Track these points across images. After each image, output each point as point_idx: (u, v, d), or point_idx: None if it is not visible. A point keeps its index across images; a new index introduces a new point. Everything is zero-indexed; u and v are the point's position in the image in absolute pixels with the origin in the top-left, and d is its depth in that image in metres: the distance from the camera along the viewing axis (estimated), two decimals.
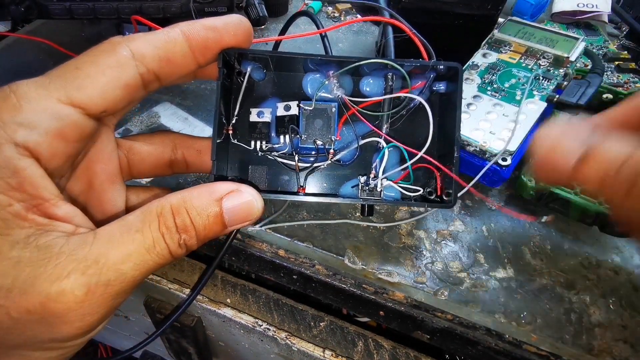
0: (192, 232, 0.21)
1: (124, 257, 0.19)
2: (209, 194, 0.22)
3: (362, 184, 0.29)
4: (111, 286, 0.19)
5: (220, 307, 0.40)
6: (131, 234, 0.20)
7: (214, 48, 0.24)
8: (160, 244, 0.20)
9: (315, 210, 0.36)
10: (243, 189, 0.23)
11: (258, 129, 0.29)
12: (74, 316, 0.19)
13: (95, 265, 0.19)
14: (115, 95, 0.21)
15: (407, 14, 0.43)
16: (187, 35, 0.23)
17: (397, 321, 0.32)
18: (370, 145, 0.30)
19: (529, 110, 0.35)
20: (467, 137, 0.34)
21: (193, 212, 0.21)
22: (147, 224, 0.20)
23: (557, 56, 0.38)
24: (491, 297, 0.31)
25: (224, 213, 0.22)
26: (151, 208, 0.21)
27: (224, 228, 0.22)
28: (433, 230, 0.35)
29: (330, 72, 0.29)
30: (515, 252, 0.34)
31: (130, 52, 0.21)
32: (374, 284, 0.32)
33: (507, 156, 0.32)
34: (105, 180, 0.25)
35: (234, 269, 0.43)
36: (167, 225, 0.20)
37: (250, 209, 0.23)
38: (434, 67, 0.29)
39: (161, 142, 0.28)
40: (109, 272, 0.19)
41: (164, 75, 0.23)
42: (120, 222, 0.20)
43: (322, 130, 0.29)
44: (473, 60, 0.40)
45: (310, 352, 0.37)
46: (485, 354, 0.31)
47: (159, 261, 0.20)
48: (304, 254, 0.33)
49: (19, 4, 0.41)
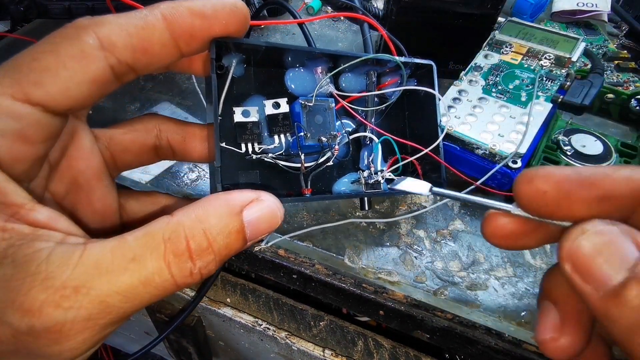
0: (210, 256, 0.18)
1: (112, 289, 0.16)
2: (227, 207, 0.19)
3: (364, 178, 0.29)
4: (93, 320, 0.16)
5: (220, 306, 0.40)
6: (126, 261, 0.17)
7: (201, 37, 0.20)
8: (162, 275, 0.17)
9: (315, 210, 0.36)
10: (264, 197, 0.20)
11: (248, 130, 0.26)
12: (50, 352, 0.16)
13: (75, 295, 0.16)
14: (80, 91, 0.18)
15: (407, 13, 0.43)
16: (169, 21, 0.19)
17: (397, 320, 0.32)
18: (354, 141, 0.31)
19: (535, 111, 0.35)
20: (475, 140, 0.34)
21: (212, 232, 0.18)
22: (148, 250, 0.17)
23: (559, 57, 0.38)
24: (491, 297, 0.32)
25: (245, 227, 0.19)
26: (156, 230, 0.17)
27: (245, 244, 0.19)
28: (433, 229, 0.35)
29: (319, 69, 0.28)
30: (515, 252, 0.34)
31: (98, 41, 0.18)
32: (374, 283, 0.32)
33: (517, 158, 0.32)
34: (90, 178, 0.22)
35: (233, 268, 0.43)
36: (176, 252, 0.17)
37: (273, 217, 0.20)
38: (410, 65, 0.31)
39: (144, 128, 0.25)
40: (91, 306, 0.16)
41: (140, 67, 0.20)
42: (114, 243, 0.17)
43: (322, 126, 0.28)
44: (475, 61, 0.40)
45: (310, 351, 0.38)
46: (485, 353, 0.31)
47: (157, 294, 0.17)
48: (304, 253, 0.33)
49: (19, 3, 0.41)
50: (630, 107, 0.44)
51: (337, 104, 0.29)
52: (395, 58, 0.29)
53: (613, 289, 0.13)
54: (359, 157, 0.32)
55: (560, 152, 0.37)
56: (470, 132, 0.34)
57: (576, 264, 0.15)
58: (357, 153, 0.32)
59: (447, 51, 0.47)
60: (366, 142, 0.31)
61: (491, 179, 0.33)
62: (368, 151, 0.31)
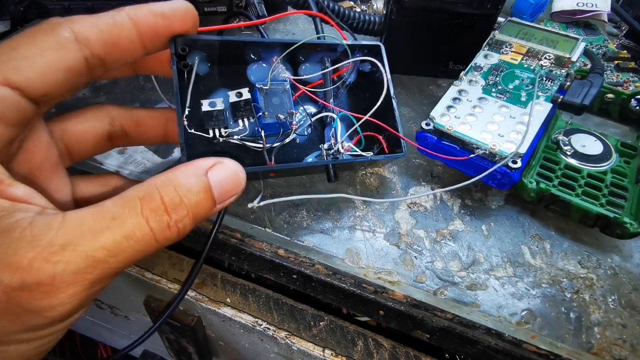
0: (184, 210, 0.20)
1: (97, 244, 0.17)
2: (194, 169, 0.21)
3: (325, 150, 0.32)
4: (81, 274, 0.17)
5: (220, 306, 0.40)
6: (106, 220, 0.18)
7: (164, 35, 0.23)
8: (142, 229, 0.18)
9: (315, 210, 0.36)
10: (225, 161, 0.22)
11: (214, 117, 0.29)
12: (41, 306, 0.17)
13: (62, 251, 0.17)
14: (56, 78, 0.20)
15: (407, 13, 0.43)
16: (134, 21, 0.22)
17: (396, 320, 0.32)
18: (319, 122, 0.35)
19: (535, 111, 0.35)
20: (475, 140, 0.34)
21: (182, 189, 0.20)
22: (126, 209, 0.18)
23: (559, 57, 0.38)
24: (491, 297, 0.32)
25: (212, 187, 0.21)
26: (131, 192, 0.19)
27: (214, 204, 0.21)
28: (432, 229, 0.35)
29: (274, 58, 0.31)
30: (514, 252, 0.34)
31: (73, 34, 0.20)
32: (374, 283, 0.32)
33: (517, 158, 0.32)
34: (47, 171, 0.23)
35: (233, 268, 0.43)
36: (152, 207, 0.19)
37: (237, 179, 0.22)
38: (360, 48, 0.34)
39: (95, 117, 0.26)
40: (79, 260, 0.17)
41: (111, 61, 0.22)
42: (94, 208, 0.18)
43: (280, 106, 0.31)
44: (475, 61, 0.40)
45: (310, 351, 0.38)
46: (485, 353, 0.31)
47: (140, 249, 0.19)
48: (304, 253, 0.33)
49: (19, 3, 0.41)
50: (630, 107, 0.44)
51: (296, 90, 0.33)
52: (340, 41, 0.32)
53: None
54: (325, 136, 0.35)
55: (560, 152, 0.37)
56: (470, 132, 0.34)
57: None
58: (323, 134, 0.35)
59: (447, 51, 0.47)
60: (328, 121, 0.34)
61: (491, 179, 0.33)
62: (330, 129, 0.34)
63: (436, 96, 0.47)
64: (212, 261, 0.42)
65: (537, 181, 0.34)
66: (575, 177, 0.35)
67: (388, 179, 0.38)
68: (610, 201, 0.33)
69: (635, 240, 0.35)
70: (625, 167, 0.36)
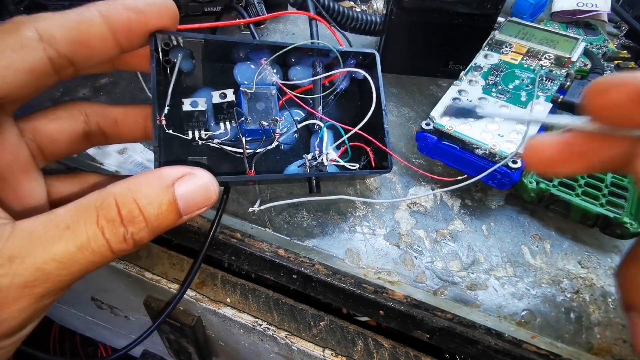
0: (142, 223, 0.19)
1: (48, 256, 0.17)
2: (159, 180, 0.19)
3: (309, 161, 0.31)
4: (29, 288, 0.16)
5: (220, 306, 0.40)
6: (59, 230, 0.17)
7: (139, 31, 0.22)
8: (97, 240, 0.17)
9: (315, 210, 0.36)
10: (196, 172, 0.21)
11: (194, 118, 0.27)
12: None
13: (9, 264, 0.16)
14: (17, 79, 0.19)
15: (407, 13, 0.43)
16: (106, 17, 0.20)
17: (396, 320, 0.32)
18: (305, 129, 0.33)
19: (535, 111, 0.35)
20: (475, 140, 0.34)
21: (142, 201, 0.19)
22: (81, 218, 0.17)
23: (559, 57, 0.38)
24: (491, 296, 0.32)
25: (178, 200, 0.20)
26: (88, 200, 0.18)
27: (179, 217, 0.20)
28: (432, 229, 0.35)
29: (263, 60, 0.30)
30: (514, 251, 0.34)
31: (37, 33, 0.19)
32: (374, 283, 0.32)
33: (517, 158, 0.32)
34: (17, 172, 0.22)
35: (233, 268, 0.43)
36: (108, 218, 0.18)
37: (207, 192, 0.21)
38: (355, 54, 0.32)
39: (69, 115, 0.25)
40: (27, 273, 0.16)
41: (80, 60, 0.20)
42: (46, 217, 0.17)
43: (264, 112, 0.30)
44: (475, 61, 0.40)
45: (310, 351, 0.38)
46: (485, 353, 0.31)
47: (95, 260, 0.18)
48: (304, 253, 0.33)
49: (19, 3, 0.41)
50: None
51: (283, 93, 0.31)
52: (334, 47, 0.30)
53: None
54: (310, 144, 0.33)
55: None
56: (470, 132, 0.34)
57: None
58: (309, 141, 0.33)
59: (447, 51, 0.47)
60: (315, 129, 0.33)
61: (491, 179, 0.33)
62: (316, 137, 0.33)
63: (436, 96, 0.47)
64: (212, 261, 0.42)
65: (537, 181, 0.34)
66: (575, 177, 0.35)
67: (388, 179, 0.38)
68: (610, 201, 0.33)
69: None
70: None
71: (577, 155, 0.17)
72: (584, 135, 0.17)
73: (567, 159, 0.17)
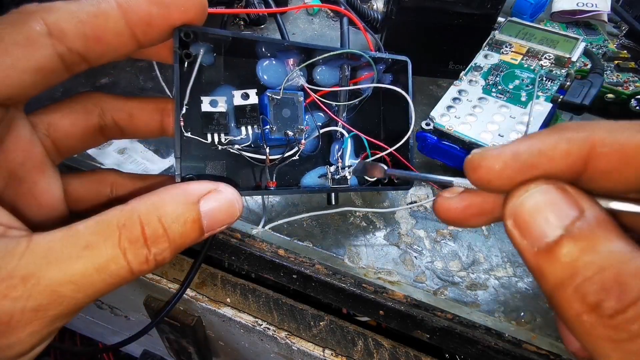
0: (165, 243, 0.18)
1: (64, 277, 0.15)
2: (184, 197, 0.18)
3: (331, 174, 0.29)
4: (43, 311, 0.15)
5: (220, 306, 0.40)
6: (78, 249, 0.16)
7: (160, 26, 0.20)
8: (117, 262, 0.16)
9: (314, 208, 0.36)
10: (222, 188, 0.20)
11: (215, 120, 0.25)
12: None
13: (23, 285, 0.15)
14: (22, 79, 0.17)
15: (408, 13, 0.43)
16: (124, 9, 0.18)
17: (397, 320, 0.32)
18: (325, 134, 0.31)
19: (535, 111, 0.35)
20: (475, 139, 0.34)
21: (167, 219, 0.18)
22: (101, 237, 0.16)
23: (559, 57, 0.38)
24: (491, 296, 0.32)
25: (202, 217, 0.19)
26: (110, 217, 0.17)
27: (202, 234, 0.19)
28: (433, 229, 0.35)
29: (291, 61, 0.28)
30: (514, 251, 0.34)
31: (45, 27, 0.17)
32: (374, 283, 0.32)
33: None
34: (32, 170, 0.21)
35: (233, 268, 0.43)
36: (131, 239, 0.17)
37: (231, 209, 0.20)
38: (386, 60, 0.30)
39: (83, 109, 0.23)
40: (41, 296, 0.15)
41: (93, 56, 0.19)
42: (64, 232, 0.16)
43: (290, 119, 0.28)
44: (475, 61, 0.40)
45: (310, 351, 0.37)
46: (484, 353, 0.31)
47: (112, 282, 0.17)
48: (304, 253, 0.33)
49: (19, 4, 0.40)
50: (630, 107, 0.44)
51: (308, 97, 0.29)
52: (366, 53, 0.29)
53: (546, 245, 0.14)
54: (330, 151, 0.31)
55: None
56: (470, 132, 0.34)
57: (517, 220, 0.16)
58: (328, 147, 0.32)
59: (447, 51, 0.47)
60: (337, 136, 0.31)
61: None
62: (338, 145, 0.31)
63: (436, 96, 0.47)
64: (212, 261, 0.42)
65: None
66: None
67: None
68: None
69: None
70: None
71: (478, 213, 0.18)
72: (480, 194, 0.18)
73: (471, 216, 0.19)
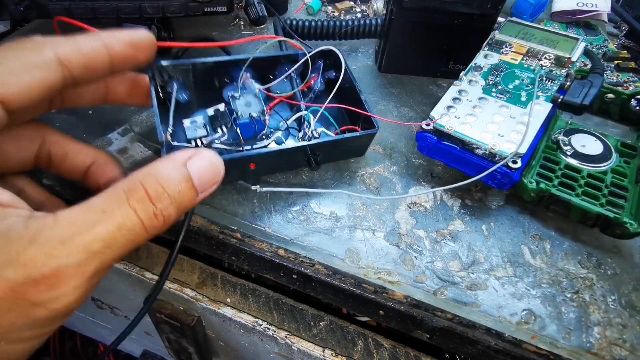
0: (167, 200, 0.21)
1: (93, 237, 0.19)
2: (172, 162, 0.22)
3: (300, 138, 0.34)
4: (82, 266, 0.18)
5: (220, 306, 0.40)
6: (97, 214, 0.19)
7: (130, 62, 0.25)
8: (131, 219, 0.20)
9: (315, 210, 0.36)
10: (202, 151, 0.23)
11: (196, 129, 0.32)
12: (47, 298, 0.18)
13: (61, 246, 0.18)
14: (36, 94, 0.22)
15: (407, 13, 0.43)
16: (109, 49, 0.24)
17: (397, 320, 0.32)
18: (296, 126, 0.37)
19: (535, 111, 0.35)
20: (476, 140, 0.34)
21: (163, 180, 0.21)
22: (115, 203, 0.20)
23: (559, 57, 0.38)
24: (491, 297, 0.32)
25: (192, 176, 0.22)
26: (116, 187, 0.20)
27: (196, 193, 0.22)
28: (432, 229, 0.35)
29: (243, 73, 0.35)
30: (514, 252, 0.34)
31: (56, 55, 0.22)
32: (374, 283, 0.32)
33: (517, 158, 0.32)
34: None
35: (233, 268, 0.43)
36: (138, 198, 0.20)
37: (215, 168, 0.24)
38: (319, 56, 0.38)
39: (28, 137, 0.27)
40: (78, 253, 0.18)
41: (82, 81, 0.24)
42: (82, 205, 0.19)
43: (252, 106, 0.34)
44: (475, 61, 0.40)
45: (310, 351, 0.37)
46: (484, 353, 0.31)
47: (133, 238, 0.20)
48: (304, 253, 0.33)
49: (19, 3, 0.40)
50: (630, 107, 0.44)
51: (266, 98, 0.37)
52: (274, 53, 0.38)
53: None
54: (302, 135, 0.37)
55: (560, 152, 0.37)
56: (470, 132, 0.34)
57: None
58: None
59: (447, 51, 0.47)
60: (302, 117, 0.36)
61: (491, 179, 0.33)
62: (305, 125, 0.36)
63: (436, 96, 0.47)
64: (212, 261, 0.42)
65: (537, 181, 0.34)
66: (575, 177, 0.35)
67: (388, 178, 0.38)
68: (610, 201, 0.33)
69: (635, 240, 0.35)
70: (625, 167, 0.36)
71: None
72: None
73: None
